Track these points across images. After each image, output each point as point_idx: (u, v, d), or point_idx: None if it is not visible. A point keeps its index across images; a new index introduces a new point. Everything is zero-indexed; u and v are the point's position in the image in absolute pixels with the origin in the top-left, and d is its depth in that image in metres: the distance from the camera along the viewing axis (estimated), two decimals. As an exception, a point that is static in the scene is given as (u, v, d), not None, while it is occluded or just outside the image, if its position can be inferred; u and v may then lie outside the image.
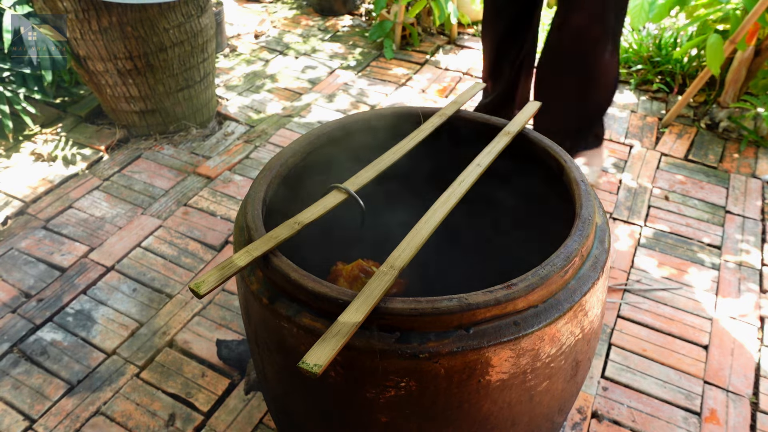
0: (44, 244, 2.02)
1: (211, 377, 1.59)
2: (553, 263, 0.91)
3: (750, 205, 2.18)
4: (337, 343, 0.79)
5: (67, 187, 2.27)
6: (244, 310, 1.08)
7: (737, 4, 2.37)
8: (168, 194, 2.24)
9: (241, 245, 1.02)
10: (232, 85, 2.96)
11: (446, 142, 1.36)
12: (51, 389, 1.58)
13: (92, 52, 2.23)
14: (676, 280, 1.88)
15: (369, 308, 0.84)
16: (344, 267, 1.21)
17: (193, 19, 2.33)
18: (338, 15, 3.69)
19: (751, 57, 2.50)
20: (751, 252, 1.98)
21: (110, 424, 1.49)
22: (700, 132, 2.56)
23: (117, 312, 1.78)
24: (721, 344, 1.68)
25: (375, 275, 0.90)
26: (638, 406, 1.52)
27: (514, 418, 0.99)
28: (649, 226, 2.09)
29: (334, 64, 3.15)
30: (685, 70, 2.81)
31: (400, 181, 1.32)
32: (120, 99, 2.41)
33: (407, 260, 0.94)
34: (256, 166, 2.40)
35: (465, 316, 0.85)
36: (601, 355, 1.65)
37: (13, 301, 1.82)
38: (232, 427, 1.48)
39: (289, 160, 1.20)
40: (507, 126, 1.27)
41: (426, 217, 1.03)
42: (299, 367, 0.76)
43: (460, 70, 3.08)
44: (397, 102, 2.82)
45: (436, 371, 0.86)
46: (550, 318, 0.89)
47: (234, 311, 1.77)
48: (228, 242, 2.02)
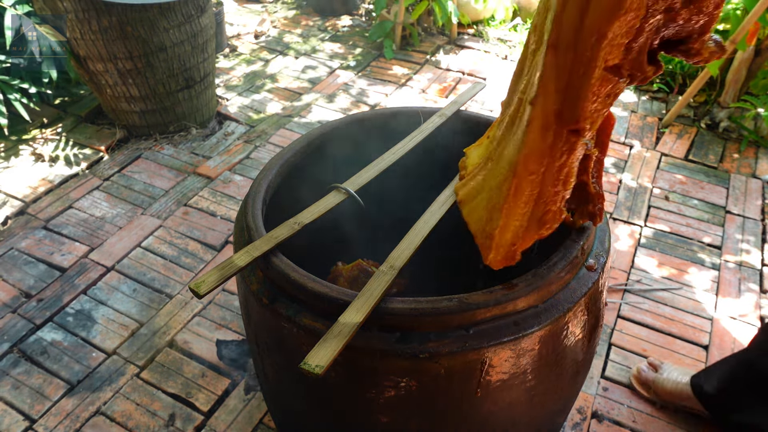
0: (44, 244, 2.02)
1: (211, 377, 1.59)
2: (553, 263, 0.91)
3: (750, 205, 2.18)
4: (339, 343, 0.79)
5: (67, 187, 2.27)
6: (244, 310, 1.08)
7: (737, 4, 2.37)
8: (168, 194, 2.24)
9: (241, 245, 1.02)
10: (232, 85, 2.96)
11: (447, 141, 1.36)
12: (51, 389, 1.58)
13: (92, 52, 2.23)
14: (676, 280, 1.88)
15: (369, 308, 0.84)
16: (344, 267, 1.20)
17: (193, 19, 2.33)
18: (338, 15, 3.69)
19: (751, 57, 2.50)
20: (752, 252, 1.98)
21: (110, 424, 1.49)
22: (701, 132, 2.56)
23: (117, 312, 1.78)
24: (721, 344, 1.68)
25: (375, 275, 0.90)
26: (638, 406, 1.52)
27: (514, 418, 0.99)
28: (649, 226, 2.09)
29: (334, 64, 3.15)
30: (686, 70, 2.81)
31: (401, 181, 1.32)
32: (120, 99, 2.41)
33: (407, 260, 0.94)
34: (256, 166, 2.39)
35: (465, 316, 0.85)
36: (601, 355, 1.65)
37: (13, 301, 1.81)
38: (232, 427, 1.48)
39: (290, 160, 1.20)
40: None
41: (425, 218, 1.03)
42: (301, 368, 0.76)
43: (461, 70, 3.08)
44: (397, 102, 2.82)
45: (436, 371, 0.86)
46: (550, 318, 0.89)
47: (234, 311, 1.77)
48: (228, 242, 2.02)
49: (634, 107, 2.73)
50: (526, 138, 0.66)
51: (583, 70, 0.59)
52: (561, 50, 0.61)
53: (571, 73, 0.60)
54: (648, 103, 2.76)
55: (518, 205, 0.70)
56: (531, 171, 0.68)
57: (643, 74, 0.63)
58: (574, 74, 0.60)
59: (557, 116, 0.64)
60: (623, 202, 2.19)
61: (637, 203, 2.19)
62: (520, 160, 0.67)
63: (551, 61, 0.62)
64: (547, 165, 0.67)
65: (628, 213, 2.14)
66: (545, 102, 0.64)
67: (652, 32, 0.60)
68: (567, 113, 0.63)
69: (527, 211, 0.71)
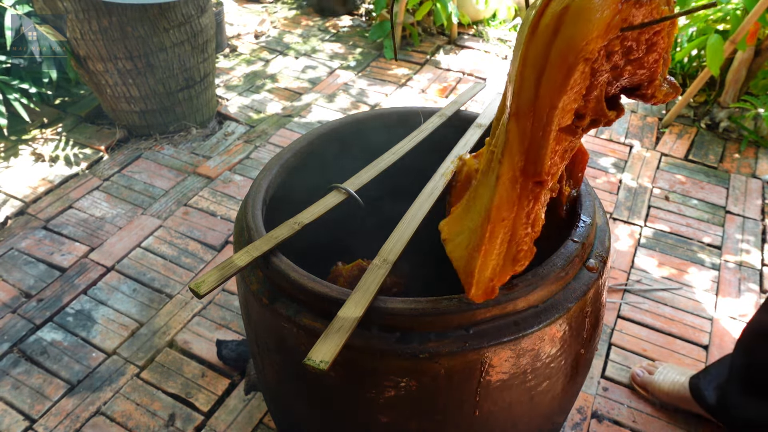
0: (44, 244, 2.02)
1: (211, 377, 1.59)
2: (553, 263, 0.91)
3: (750, 205, 2.18)
4: (341, 338, 0.79)
5: (67, 187, 2.27)
6: (244, 310, 1.08)
7: (737, 4, 2.37)
8: (168, 194, 2.24)
9: (241, 245, 1.02)
10: (232, 85, 2.96)
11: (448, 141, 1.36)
12: (51, 389, 1.58)
13: (92, 52, 2.23)
14: (676, 280, 1.88)
15: (368, 302, 0.84)
16: (344, 267, 1.21)
17: (193, 19, 2.33)
18: (338, 15, 3.69)
19: (751, 57, 2.50)
20: (751, 252, 1.98)
21: (110, 424, 1.49)
22: (701, 132, 2.56)
23: (117, 312, 1.78)
24: (721, 344, 1.68)
25: (369, 269, 0.91)
26: (638, 406, 1.52)
27: (514, 419, 0.99)
28: (649, 226, 2.09)
29: (334, 64, 3.15)
30: (686, 70, 2.81)
31: (401, 181, 1.32)
32: (120, 99, 2.41)
33: (399, 252, 0.95)
34: (257, 166, 2.40)
35: (465, 316, 0.85)
36: (601, 355, 1.65)
37: (13, 301, 1.82)
38: (232, 427, 1.48)
39: (290, 160, 1.20)
40: (478, 118, 1.28)
41: (413, 211, 1.04)
42: (305, 364, 0.76)
43: (461, 70, 3.08)
44: (397, 102, 2.82)
45: (436, 371, 0.86)
46: (550, 318, 0.89)
47: (234, 311, 1.77)
48: (228, 242, 2.02)
49: (634, 107, 2.73)
50: (497, 189, 0.77)
51: (541, 133, 0.71)
52: (521, 118, 0.72)
53: (531, 137, 0.73)
54: (648, 103, 2.76)
55: (494, 246, 0.80)
56: (503, 217, 0.78)
57: (605, 119, 0.74)
58: (534, 137, 0.72)
59: (522, 172, 0.75)
60: (623, 202, 2.19)
61: (637, 203, 2.19)
62: (493, 207, 0.78)
63: (514, 127, 0.73)
64: (516, 211, 0.78)
65: (628, 213, 2.14)
66: (511, 160, 0.75)
67: (604, 86, 0.71)
68: (530, 169, 0.74)
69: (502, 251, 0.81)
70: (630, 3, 0.65)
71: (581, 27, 0.64)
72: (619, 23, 0.65)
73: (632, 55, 0.70)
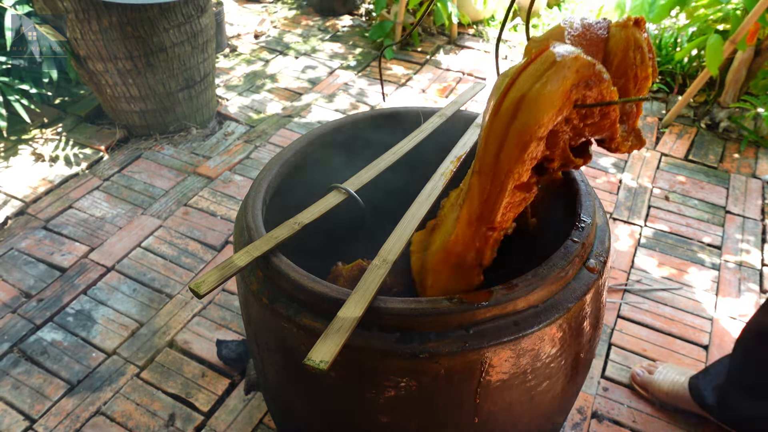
0: (44, 244, 2.02)
1: (211, 377, 1.59)
2: (553, 263, 0.91)
3: (750, 205, 2.18)
4: (341, 338, 0.79)
5: (67, 187, 2.27)
6: (244, 310, 1.08)
7: (737, 4, 2.37)
8: (168, 194, 2.24)
9: (241, 245, 1.02)
10: (232, 85, 2.96)
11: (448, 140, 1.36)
12: (51, 389, 1.58)
13: (92, 52, 2.23)
14: (676, 280, 1.88)
15: (367, 302, 0.84)
16: (344, 267, 1.20)
17: (193, 19, 2.33)
18: (338, 15, 3.69)
19: (751, 57, 2.50)
20: (751, 252, 1.98)
21: (110, 424, 1.49)
22: (701, 132, 2.56)
23: (117, 312, 1.78)
24: (721, 344, 1.68)
25: (369, 269, 0.91)
26: (638, 406, 1.52)
27: (514, 419, 0.99)
28: (649, 226, 2.09)
29: (334, 64, 3.14)
30: (686, 70, 2.81)
31: (401, 181, 1.32)
32: (120, 99, 2.41)
33: (399, 252, 0.95)
34: (257, 166, 2.40)
35: (465, 316, 0.85)
36: (601, 355, 1.65)
37: (13, 301, 1.82)
38: (232, 427, 1.48)
39: (289, 160, 1.20)
40: (478, 118, 1.28)
41: (413, 211, 1.04)
42: (305, 364, 0.76)
43: (461, 70, 3.08)
44: (397, 102, 2.82)
45: (436, 371, 0.86)
46: (550, 318, 0.89)
47: (234, 311, 1.77)
48: (228, 242, 2.02)
49: (634, 107, 2.73)
50: (456, 226, 0.91)
51: (498, 190, 0.83)
52: (482, 176, 0.83)
53: (489, 192, 0.84)
54: (648, 103, 2.76)
55: (445, 270, 0.93)
56: (456, 252, 0.91)
57: (573, 164, 0.84)
58: (492, 193, 0.84)
59: (478, 218, 0.87)
60: (623, 202, 2.19)
61: (637, 203, 2.19)
62: (450, 240, 0.92)
63: (476, 182, 0.85)
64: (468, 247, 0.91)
65: (628, 213, 2.14)
66: (470, 207, 0.87)
67: (567, 141, 0.82)
68: (485, 217, 0.87)
69: (452, 275, 0.93)
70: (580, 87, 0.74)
71: (534, 114, 0.75)
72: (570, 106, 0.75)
73: (589, 120, 0.81)
